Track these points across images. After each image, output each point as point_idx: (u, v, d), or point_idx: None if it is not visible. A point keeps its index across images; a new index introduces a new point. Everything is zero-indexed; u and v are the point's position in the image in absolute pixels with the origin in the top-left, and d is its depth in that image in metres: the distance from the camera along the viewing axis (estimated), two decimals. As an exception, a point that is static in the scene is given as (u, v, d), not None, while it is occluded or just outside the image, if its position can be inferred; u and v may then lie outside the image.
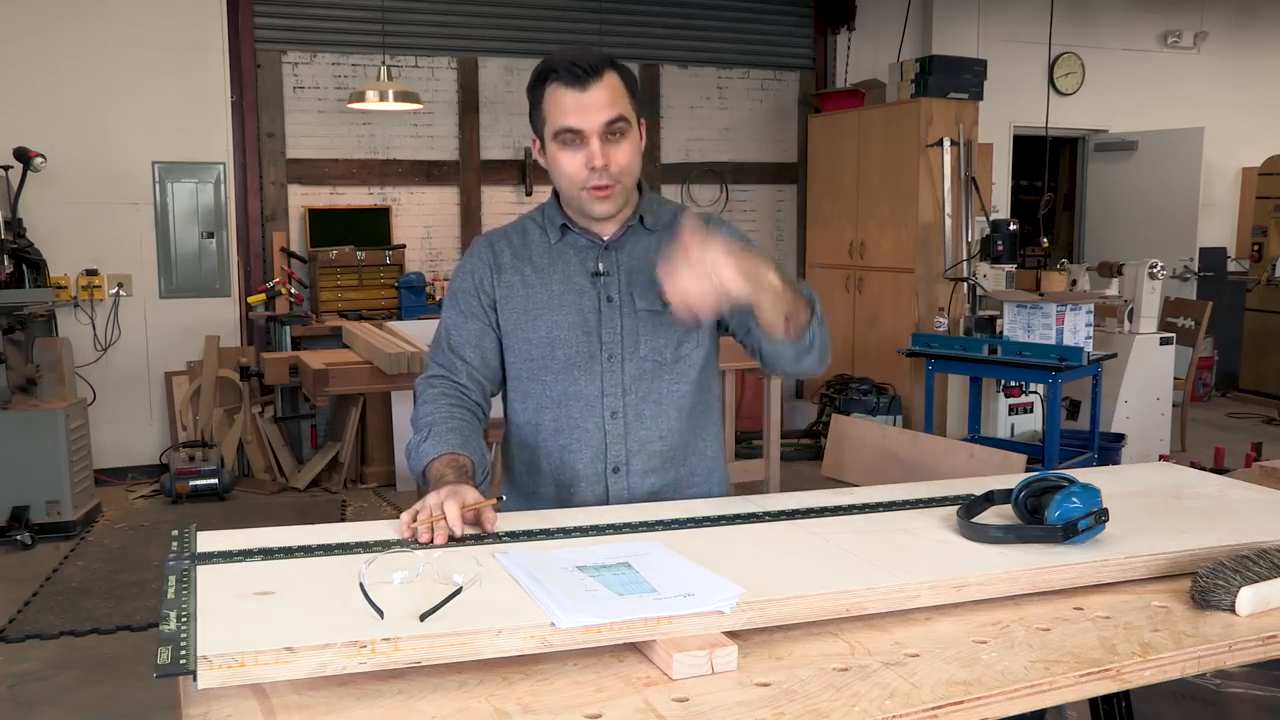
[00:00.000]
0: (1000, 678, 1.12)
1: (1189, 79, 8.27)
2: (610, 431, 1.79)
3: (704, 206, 7.01)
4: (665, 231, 1.83)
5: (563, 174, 1.72)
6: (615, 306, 1.79)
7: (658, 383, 1.80)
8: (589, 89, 1.66)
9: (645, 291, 1.79)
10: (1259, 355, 7.88)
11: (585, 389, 1.78)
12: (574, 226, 1.80)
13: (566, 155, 1.70)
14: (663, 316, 1.78)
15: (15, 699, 3.19)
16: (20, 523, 4.53)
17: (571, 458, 1.80)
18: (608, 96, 1.68)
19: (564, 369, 1.78)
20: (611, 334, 1.78)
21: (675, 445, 1.82)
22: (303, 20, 6.03)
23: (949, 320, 5.90)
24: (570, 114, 1.67)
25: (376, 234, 6.18)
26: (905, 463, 5.28)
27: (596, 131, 1.67)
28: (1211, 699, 2.29)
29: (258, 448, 5.66)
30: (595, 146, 1.67)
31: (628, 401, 1.79)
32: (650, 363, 1.79)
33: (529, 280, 1.80)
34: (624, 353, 1.78)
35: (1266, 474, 2.07)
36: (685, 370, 1.83)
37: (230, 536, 1.44)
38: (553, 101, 1.69)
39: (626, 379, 1.79)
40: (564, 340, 1.77)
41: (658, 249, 1.79)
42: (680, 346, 1.82)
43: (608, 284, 1.79)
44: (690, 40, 6.88)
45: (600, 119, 1.67)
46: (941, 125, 6.12)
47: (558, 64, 1.68)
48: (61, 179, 5.36)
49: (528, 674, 1.12)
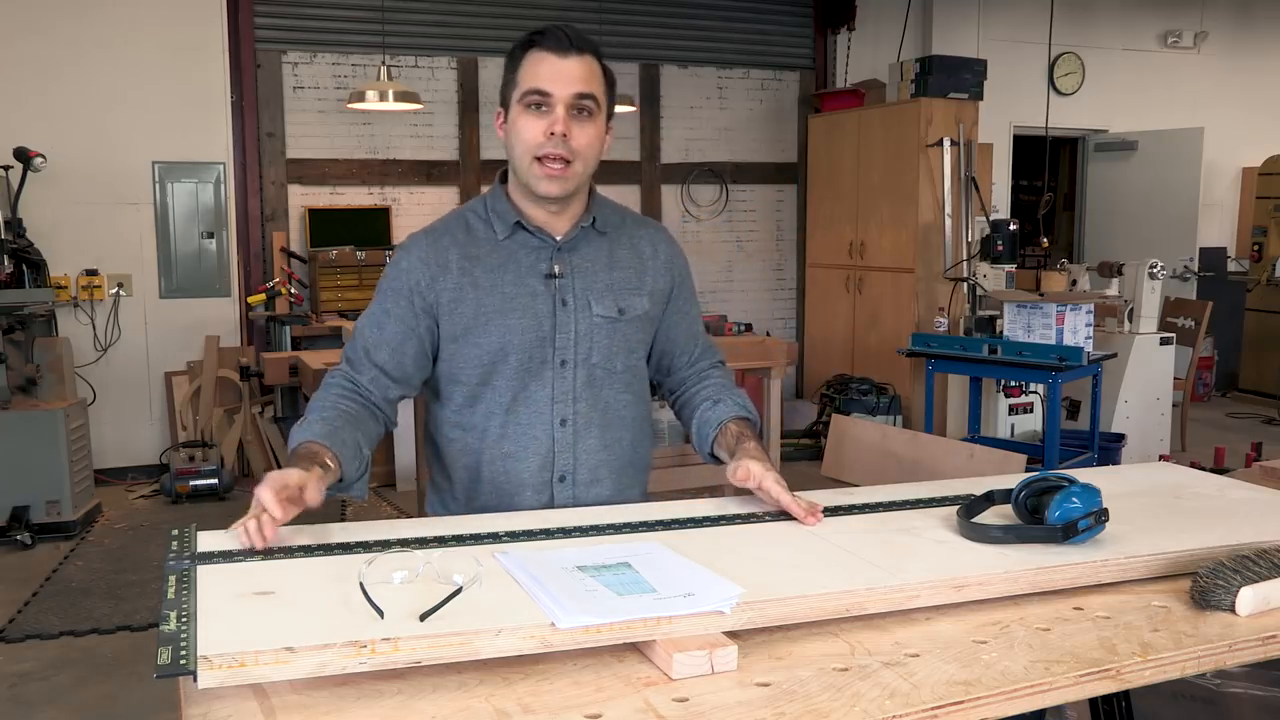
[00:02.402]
0: (1000, 678, 1.12)
1: (1189, 79, 8.27)
2: (559, 439, 1.75)
3: (703, 207, 7.02)
4: (616, 234, 1.81)
5: (519, 139, 1.67)
6: (570, 311, 1.74)
7: (606, 391, 1.78)
8: (568, 58, 1.65)
9: (602, 297, 1.76)
10: (1259, 355, 7.88)
11: (535, 394, 1.74)
12: (527, 225, 1.74)
13: (528, 119, 1.66)
14: (616, 324, 1.77)
15: (15, 699, 3.19)
16: (20, 523, 4.53)
17: (516, 465, 1.74)
18: (585, 72, 1.67)
19: (516, 374, 1.73)
20: (565, 339, 1.73)
21: (619, 455, 1.80)
22: (303, 20, 6.03)
23: (949, 320, 5.90)
24: (543, 77, 1.65)
25: (376, 234, 6.18)
26: (905, 463, 5.28)
27: (565, 100, 1.65)
28: (1211, 699, 2.29)
29: (258, 448, 5.66)
30: (560, 113, 1.64)
31: (578, 409, 1.75)
32: (601, 370, 1.77)
33: (479, 283, 1.72)
34: (576, 358, 1.74)
35: (1266, 474, 2.07)
36: (630, 381, 1.81)
37: (230, 537, 1.44)
38: (529, 65, 1.67)
39: (578, 386, 1.75)
40: (517, 345, 1.72)
41: (610, 252, 1.79)
42: (629, 356, 1.80)
43: (562, 286, 1.74)
44: (690, 40, 6.88)
45: (572, 89, 1.65)
46: (941, 125, 6.12)
47: (545, 30, 1.67)
48: (61, 179, 5.36)
49: (528, 674, 1.12)
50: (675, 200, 6.95)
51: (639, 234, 1.85)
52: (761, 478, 1.61)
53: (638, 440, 1.84)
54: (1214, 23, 8.32)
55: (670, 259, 1.86)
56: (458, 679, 1.10)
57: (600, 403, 1.77)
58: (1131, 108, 8.10)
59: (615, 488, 1.80)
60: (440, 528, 1.51)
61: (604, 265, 1.78)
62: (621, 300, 1.78)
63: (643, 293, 1.80)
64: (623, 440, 1.81)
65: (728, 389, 1.86)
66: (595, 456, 1.77)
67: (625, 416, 1.81)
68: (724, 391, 1.85)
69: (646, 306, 1.81)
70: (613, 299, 1.77)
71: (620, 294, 1.78)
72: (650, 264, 1.83)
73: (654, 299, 1.83)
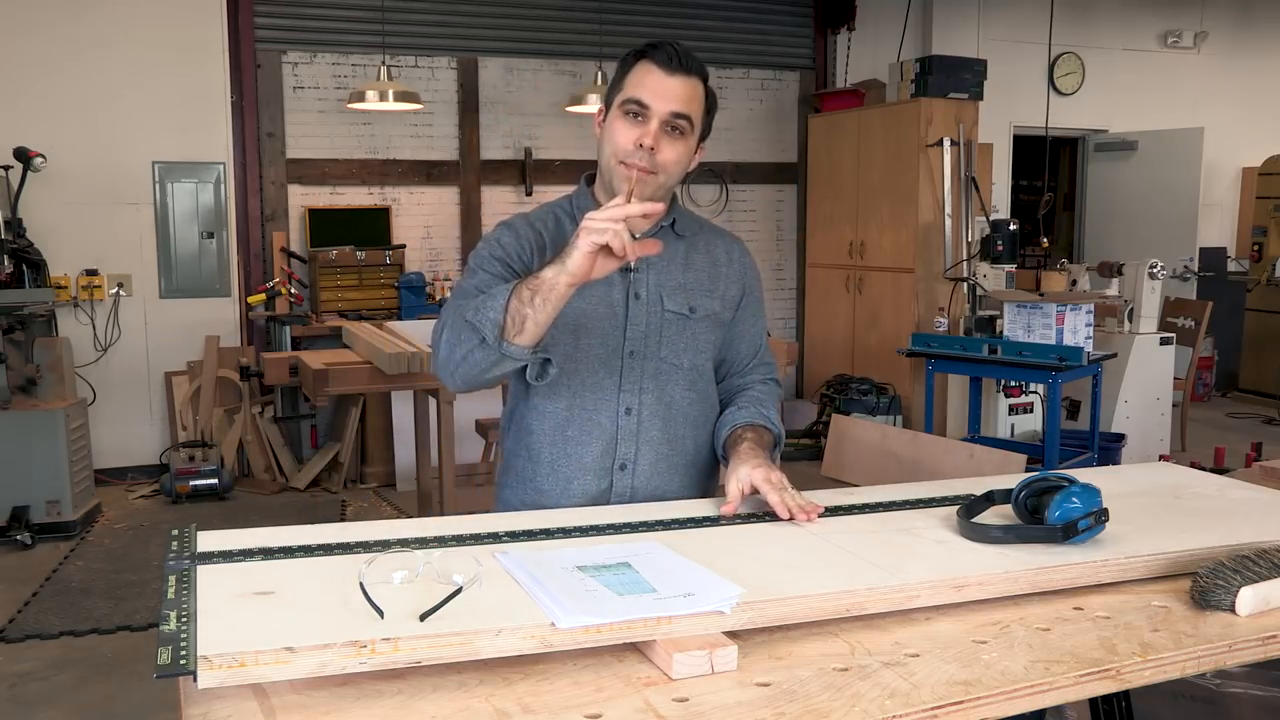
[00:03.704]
0: (1000, 678, 1.12)
1: (1189, 79, 8.27)
2: (623, 427, 1.77)
3: (704, 206, 7.02)
4: (694, 239, 1.86)
5: (612, 140, 1.71)
6: (643, 304, 1.78)
7: (672, 386, 1.80)
8: (675, 76, 1.69)
9: (674, 294, 1.80)
10: (1259, 355, 7.88)
11: (603, 381, 1.77)
12: None
13: (623, 125, 1.70)
14: (686, 321, 1.80)
15: (15, 699, 3.19)
16: (20, 523, 4.53)
17: (579, 449, 1.77)
18: (686, 92, 1.70)
19: (585, 360, 1.76)
20: (636, 330, 1.77)
21: (681, 452, 1.82)
22: (303, 20, 6.03)
23: (949, 320, 5.90)
24: (646, 89, 1.69)
25: (376, 234, 6.18)
26: (905, 463, 5.29)
27: (661, 115, 1.69)
28: (1211, 699, 2.29)
29: (258, 448, 5.66)
30: (654, 127, 1.69)
31: (643, 400, 1.78)
32: (668, 365, 1.79)
33: None
34: (646, 350, 1.78)
35: (1266, 474, 2.07)
36: (695, 379, 1.83)
37: (230, 536, 1.44)
38: (637, 74, 1.71)
39: (644, 377, 1.78)
40: (589, 329, 1.75)
41: (686, 254, 1.83)
42: (697, 354, 1.82)
43: (637, 280, 1.78)
44: (690, 40, 6.80)
45: (669, 107, 1.69)
46: (941, 125, 6.12)
47: (660, 44, 1.71)
48: (61, 179, 5.36)
49: (528, 674, 1.12)
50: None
51: (716, 241, 1.90)
52: (750, 480, 1.62)
53: (701, 440, 1.85)
54: (1214, 23, 8.32)
55: (744, 269, 1.90)
56: (458, 679, 1.10)
57: (666, 397, 1.80)
58: (1131, 108, 8.10)
59: (674, 483, 1.81)
60: (440, 528, 1.50)
61: (680, 265, 1.82)
62: (694, 299, 1.81)
63: (715, 295, 1.84)
64: (685, 438, 1.82)
65: (759, 402, 1.87)
66: (657, 449, 1.79)
67: (690, 414, 1.83)
68: (753, 402, 1.86)
69: (717, 309, 1.84)
70: (685, 297, 1.81)
71: (693, 293, 1.81)
72: (725, 270, 1.87)
73: (725, 303, 1.86)
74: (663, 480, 1.80)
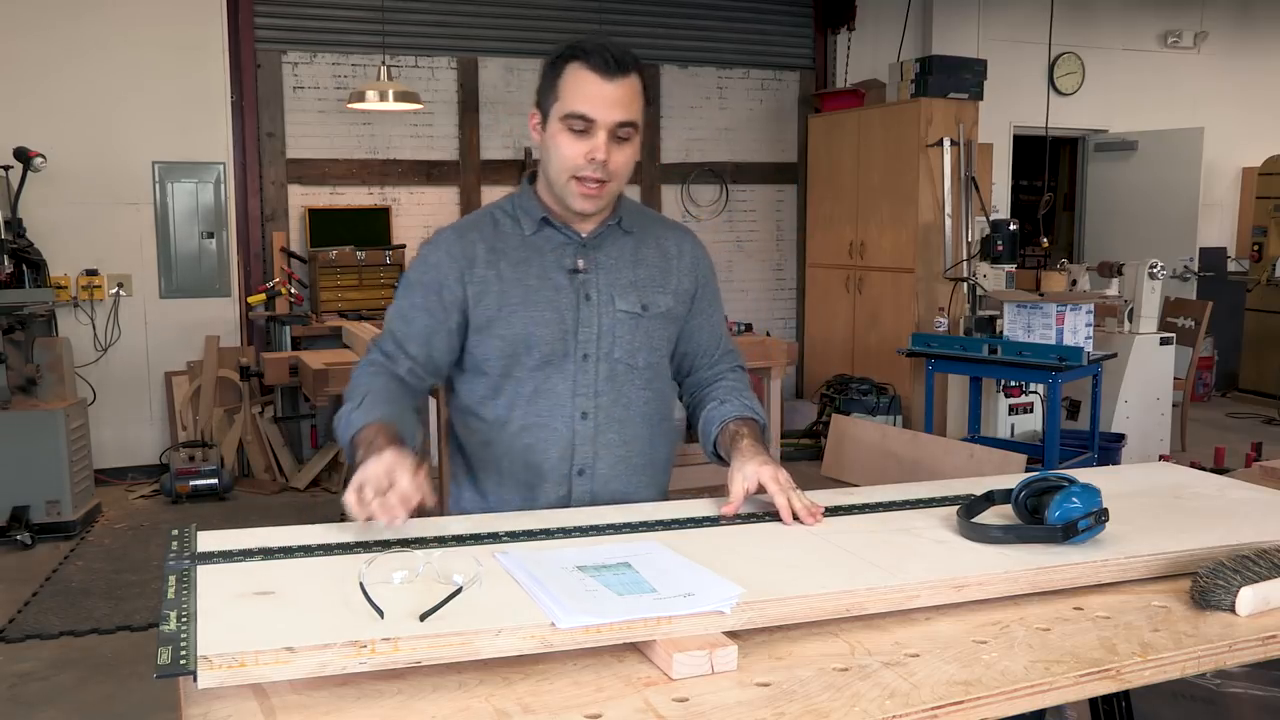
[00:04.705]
0: (1000, 678, 1.12)
1: (1189, 79, 8.26)
2: (580, 432, 1.75)
3: (703, 206, 7.02)
4: (643, 233, 1.82)
5: (560, 157, 1.68)
6: (594, 305, 1.75)
7: (628, 387, 1.78)
8: (614, 82, 1.64)
9: (625, 293, 1.77)
10: (1259, 355, 7.88)
11: (557, 387, 1.75)
12: (554, 220, 1.76)
13: (569, 140, 1.66)
14: (639, 320, 1.77)
15: (15, 699, 3.19)
16: (20, 523, 4.53)
17: (537, 457, 1.76)
18: (629, 96, 1.66)
19: (538, 366, 1.74)
20: (588, 333, 1.75)
21: (639, 451, 1.81)
22: (303, 20, 6.03)
23: (949, 320, 5.90)
24: (589, 101, 1.64)
25: (376, 234, 6.18)
26: (905, 463, 5.29)
27: (608, 127, 1.65)
28: (1211, 699, 2.28)
29: (258, 448, 5.66)
30: (601, 140, 1.65)
31: (599, 403, 1.76)
32: (623, 365, 1.77)
33: (504, 275, 1.74)
34: (599, 353, 1.76)
35: (1266, 474, 2.07)
36: (651, 378, 1.82)
37: (230, 536, 1.44)
38: (573, 82, 1.65)
39: (599, 380, 1.76)
40: (540, 337, 1.73)
41: (635, 250, 1.80)
42: (651, 353, 1.80)
43: (586, 282, 1.76)
44: (690, 40, 6.88)
45: (616, 116, 1.65)
46: (941, 125, 6.12)
47: (591, 47, 1.65)
48: (61, 179, 5.36)
49: (528, 674, 1.12)
50: (675, 200, 6.95)
51: (665, 234, 1.87)
52: (757, 478, 1.61)
53: (657, 438, 1.85)
54: (1214, 23, 8.31)
55: (695, 260, 1.88)
56: (458, 679, 1.10)
57: (622, 398, 1.78)
58: (1131, 108, 8.10)
59: (633, 484, 1.81)
60: (440, 528, 1.51)
61: (629, 262, 1.79)
62: (645, 297, 1.79)
63: (667, 291, 1.82)
64: (642, 437, 1.81)
65: (738, 391, 1.86)
66: (615, 451, 1.78)
67: (646, 414, 1.82)
68: (733, 393, 1.85)
69: (670, 304, 1.82)
70: (636, 295, 1.78)
71: (644, 291, 1.79)
72: (675, 263, 1.84)
73: (678, 298, 1.84)
74: (622, 483, 1.79)
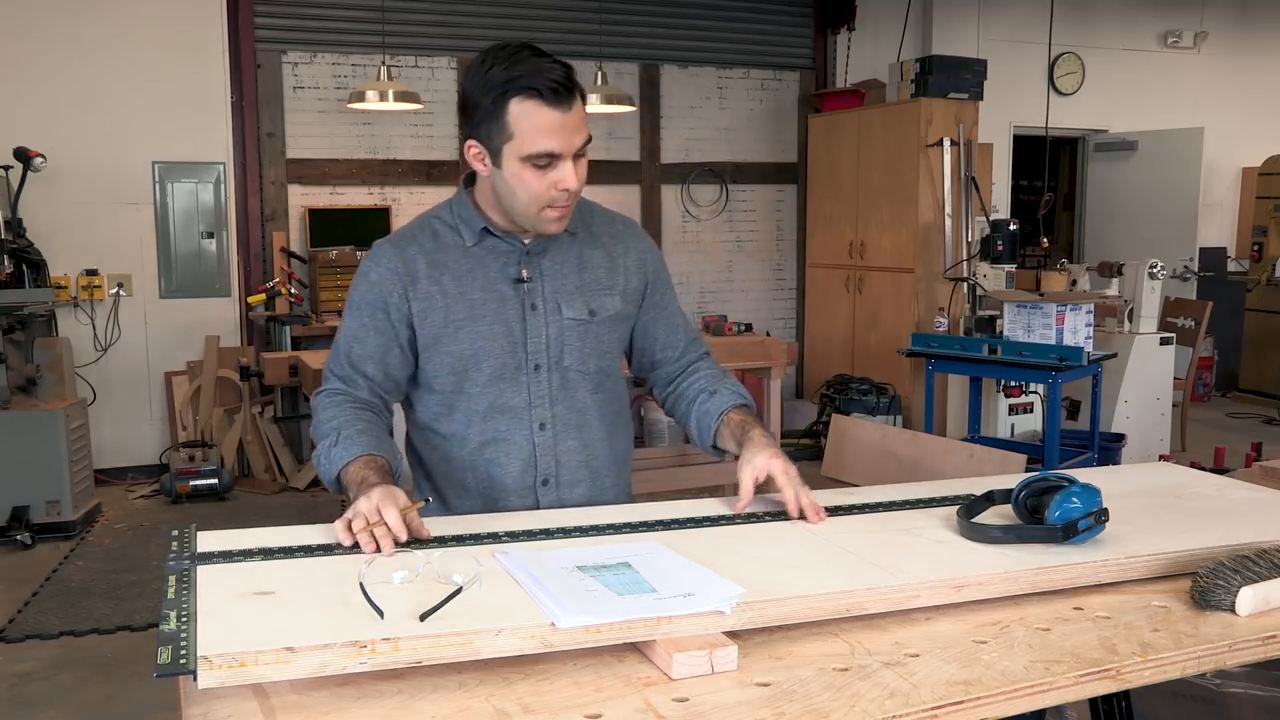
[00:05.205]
0: (1000, 678, 1.12)
1: (1189, 79, 8.27)
2: (539, 443, 1.74)
3: (703, 206, 7.02)
4: (586, 234, 1.79)
5: (527, 191, 1.62)
6: (540, 315, 1.73)
7: (582, 393, 1.77)
8: (569, 110, 1.58)
9: (571, 300, 1.75)
10: (1259, 355, 7.88)
11: (512, 400, 1.73)
12: (495, 230, 1.73)
13: (534, 176, 1.61)
14: (587, 326, 1.75)
15: (15, 699, 3.19)
16: (20, 523, 4.53)
17: (499, 471, 1.74)
18: (581, 117, 1.62)
19: (490, 381, 1.72)
20: (537, 343, 1.73)
21: (600, 455, 1.80)
22: (303, 20, 6.03)
23: (949, 320, 5.90)
24: (551, 138, 1.58)
25: (376, 234, 6.12)
26: (905, 463, 5.29)
27: (571, 154, 1.61)
28: (1211, 699, 2.28)
29: (258, 448, 5.66)
30: (569, 168, 1.61)
31: (556, 412, 1.75)
32: (575, 372, 1.76)
33: (448, 290, 1.71)
34: (549, 362, 1.74)
35: (1266, 474, 2.07)
36: (603, 380, 1.81)
37: (230, 536, 1.44)
38: (525, 119, 1.57)
39: (554, 389, 1.75)
40: (489, 351, 1.71)
41: (579, 254, 1.77)
42: (602, 357, 1.79)
43: (531, 291, 1.73)
44: (690, 40, 6.88)
45: (578, 141, 1.61)
46: (941, 125, 6.12)
47: (534, 81, 1.56)
48: (61, 179, 5.36)
49: (528, 674, 1.12)
50: (675, 200, 6.95)
51: (609, 232, 1.83)
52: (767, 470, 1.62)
53: (615, 438, 1.84)
54: (1214, 23, 8.31)
55: (642, 256, 1.84)
56: (458, 679, 1.10)
57: (577, 405, 1.77)
58: (1131, 108, 8.10)
59: (598, 487, 1.81)
60: (440, 528, 1.50)
61: (574, 267, 1.76)
62: (592, 301, 1.76)
63: (614, 293, 1.79)
64: (601, 440, 1.81)
65: (720, 379, 1.85)
66: (576, 458, 1.77)
67: (603, 415, 1.81)
68: (718, 381, 1.84)
69: (619, 306, 1.80)
70: (583, 301, 1.76)
71: (591, 295, 1.77)
72: (621, 263, 1.81)
73: (626, 298, 1.81)
74: (586, 488, 1.78)
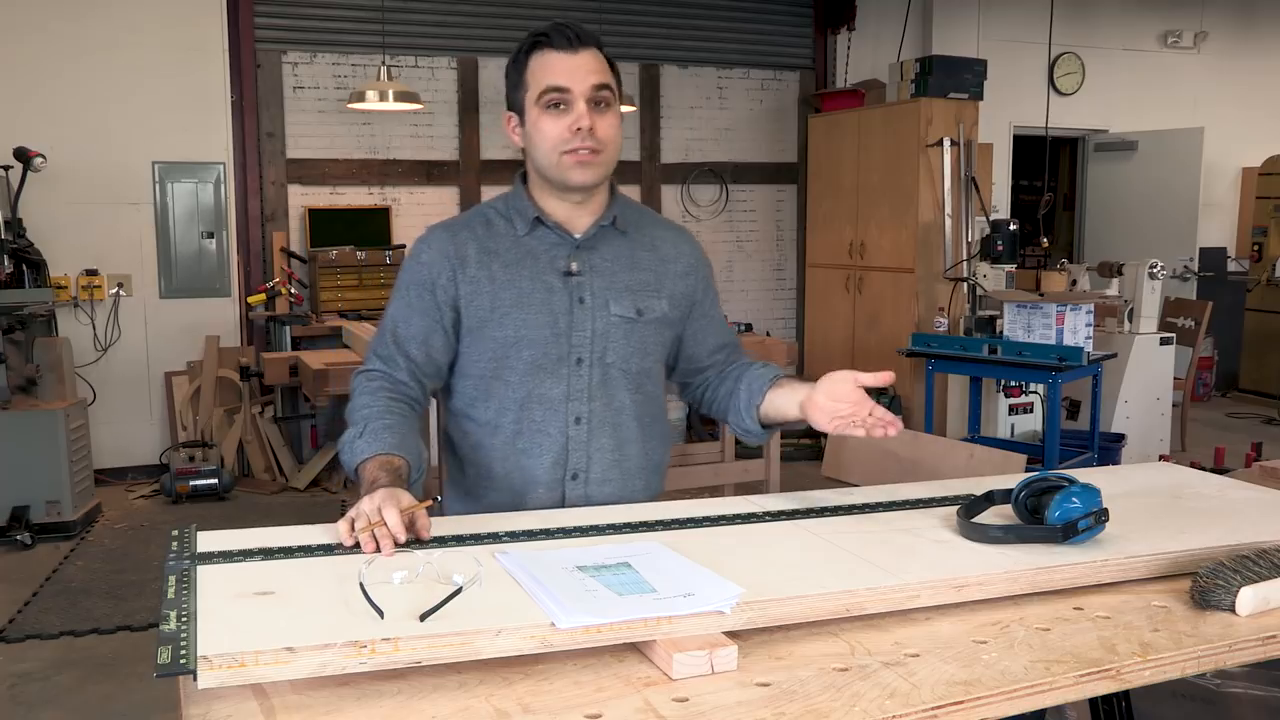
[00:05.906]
0: (1000, 678, 1.12)
1: (1189, 79, 8.27)
2: (573, 437, 1.74)
3: (703, 206, 7.02)
4: (638, 234, 1.80)
5: (545, 138, 1.67)
6: (588, 309, 1.73)
7: (621, 392, 1.77)
8: (579, 53, 1.66)
9: (620, 297, 1.75)
10: (1259, 355, 7.88)
11: (550, 392, 1.73)
12: (547, 221, 1.74)
13: (550, 119, 1.66)
14: (634, 325, 1.75)
15: (15, 699, 3.19)
16: (20, 523, 4.53)
17: (530, 462, 1.74)
18: (596, 63, 1.67)
19: (529, 370, 1.72)
20: (582, 337, 1.73)
21: (633, 455, 1.79)
22: (303, 20, 6.03)
23: (949, 320, 5.90)
24: (559, 74, 1.65)
25: (376, 234, 6.18)
26: (905, 463, 5.27)
27: (584, 94, 1.65)
28: (1211, 699, 2.29)
29: (258, 448, 5.66)
30: (582, 108, 1.65)
31: (593, 408, 1.74)
32: (616, 370, 1.76)
33: (496, 276, 1.72)
34: (592, 357, 1.74)
35: (1266, 474, 2.07)
36: (643, 382, 1.80)
37: (230, 536, 1.44)
38: (540, 65, 1.67)
39: (593, 385, 1.74)
40: (531, 340, 1.71)
41: (631, 253, 1.78)
42: (645, 358, 1.79)
43: (580, 285, 1.73)
44: (690, 40, 6.88)
45: (589, 81, 1.65)
46: (941, 125, 6.12)
47: (547, 30, 1.67)
48: (61, 179, 5.36)
49: (528, 674, 1.12)
50: (675, 200, 6.95)
51: (661, 235, 1.84)
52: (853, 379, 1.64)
53: (650, 441, 1.83)
54: (1214, 23, 8.31)
55: (692, 263, 1.86)
56: (458, 679, 1.10)
57: (615, 402, 1.76)
58: (1131, 108, 8.10)
59: (629, 489, 1.79)
60: (440, 528, 1.50)
61: (624, 265, 1.77)
62: (640, 301, 1.77)
63: (662, 295, 1.79)
64: (635, 440, 1.80)
65: (757, 363, 1.87)
66: (608, 456, 1.76)
67: (640, 417, 1.80)
68: (759, 364, 1.85)
69: (665, 309, 1.80)
70: (631, 299, 1.76)
71: (639, 295, 1.77)
72: (671, 267, 1.82)
73: (673, 302, 1.81)
74: (615, 487, 1.78)
